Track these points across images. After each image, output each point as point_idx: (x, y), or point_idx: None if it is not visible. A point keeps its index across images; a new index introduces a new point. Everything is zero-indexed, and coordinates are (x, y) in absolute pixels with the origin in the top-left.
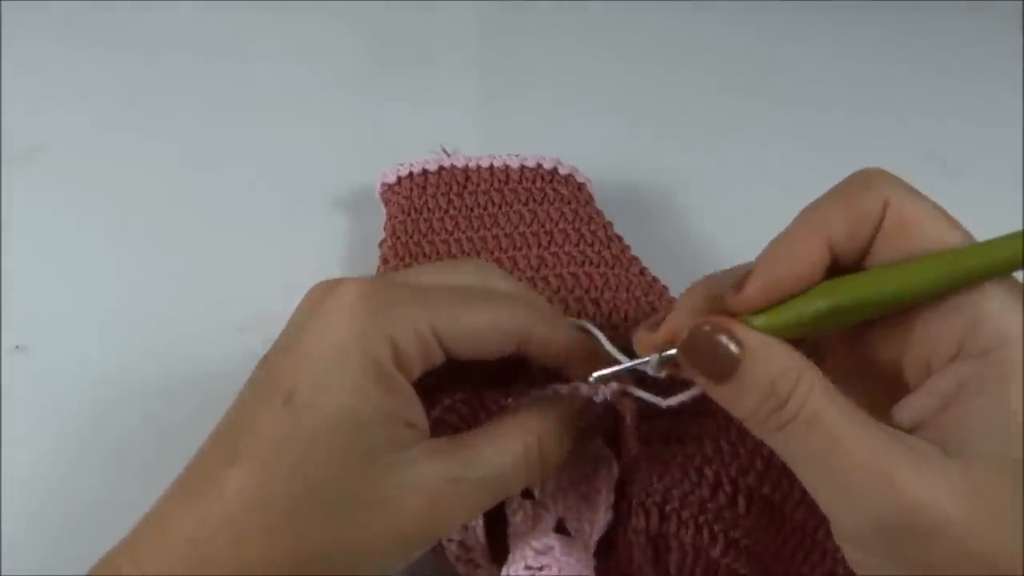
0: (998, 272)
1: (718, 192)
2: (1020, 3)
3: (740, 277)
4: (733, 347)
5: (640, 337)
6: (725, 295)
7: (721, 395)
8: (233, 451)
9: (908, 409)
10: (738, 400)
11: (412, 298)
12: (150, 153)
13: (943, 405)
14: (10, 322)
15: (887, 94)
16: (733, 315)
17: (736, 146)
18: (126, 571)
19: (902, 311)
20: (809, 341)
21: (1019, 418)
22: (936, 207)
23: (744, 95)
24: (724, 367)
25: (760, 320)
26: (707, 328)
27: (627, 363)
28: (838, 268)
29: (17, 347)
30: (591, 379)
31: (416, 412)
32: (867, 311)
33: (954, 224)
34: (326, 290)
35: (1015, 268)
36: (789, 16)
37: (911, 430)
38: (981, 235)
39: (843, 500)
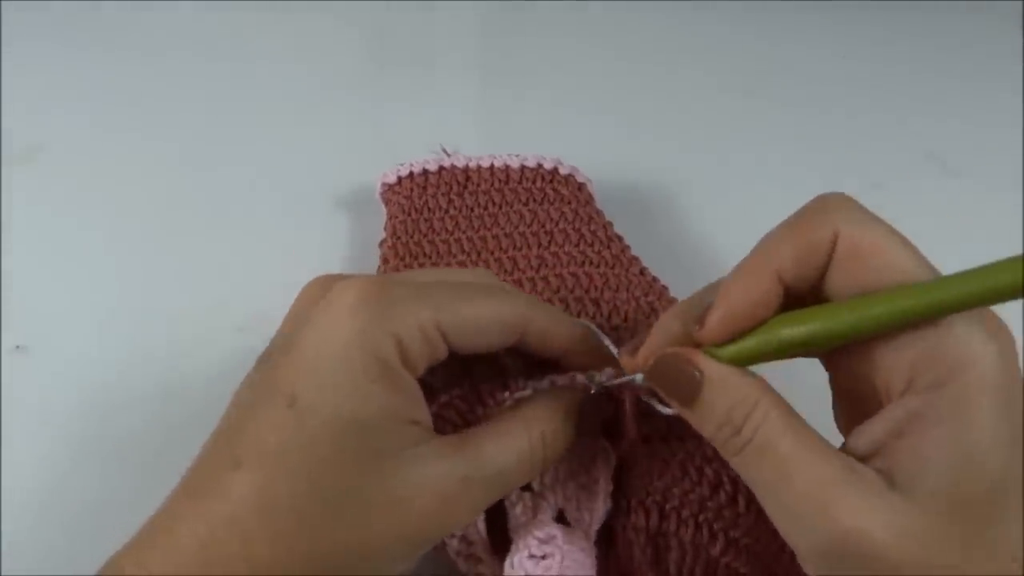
0: (951, 310)
1: (718, 192)
2: (1020, 3)
3: (703, 310)
4: (696, 375)
5: (622, 360)
6: (691, 328)
7: (688, 417)
8: (238, 454)
9: (866, 434)
10: (702, 423)
11: (414, 294)
12: (150, 153)
13: (896, 433)
14: (10, 322)
15: (887, 94)
16: (700, 345)
17: (736, 146)
18: (130, 571)
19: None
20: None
21: (961, 458)
22: (893, 233)
23: (744, 95)
24: (687, 393)
25: (727, 350)
26: (672, 357)
27: (621, 379)
28: (800, 295)
29: (17, 347)
30: (592, 389)
31: (421, 409)
32: (828, 342)
33: (911, 250)
34: (323, 288)
35: (969, 307)
36: (789, 16)
37: (867, 455)
38: (981, 235)
39: (790, 525)
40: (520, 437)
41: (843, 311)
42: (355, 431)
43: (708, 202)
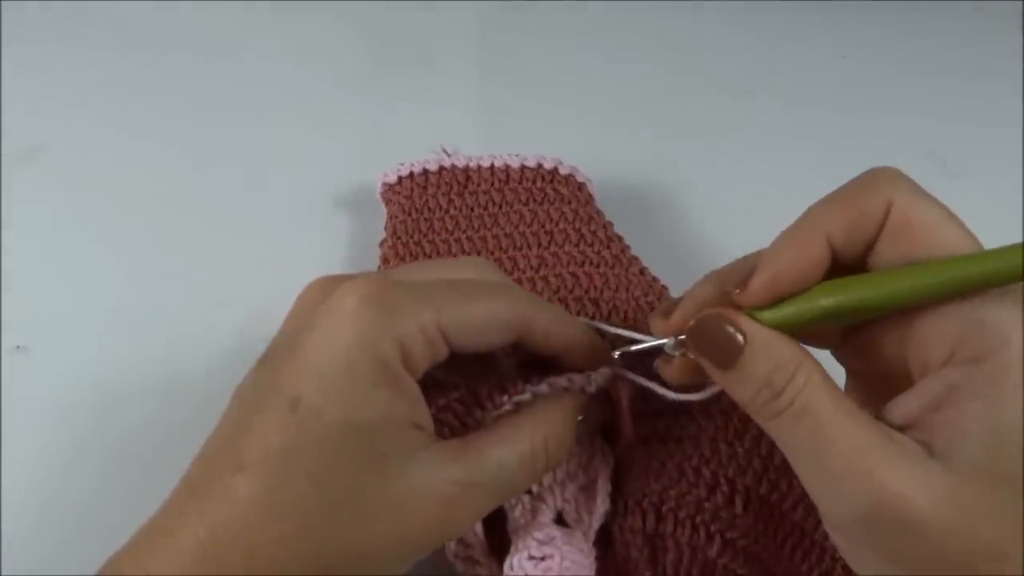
0: (999, 282)
1: (718, 192)
2: (1020, 3)
3: (746, 273)
4: (738, 337)
5: (654, 323)
6: (731, 291)
7: (724, 381)
8: (241, 456)
9: (901, 407)
10: (739, 387)
11: (415, 296)
12: (150, 153)
13: (934, 407)
14: (10, 322)
15: (887, 94)
16: (740, 308)
17: (736, 146)
18: (129, 572)
19: (903, 312)
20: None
21: (1003, 428)
22: (943, 209)
23: (744, 95)
24: (728, 355)
25: (766, 314)
26: (715, 318)
27: (649, 342)
28: (843, 266)
29: (17, 347)
30: (615, 355)
31: (423, 413)
32: (868, 312)
33: (960, 227)
34: (324, 290)
35: (1017, 279)
36: (789, 16)
37: (902, 428)
38: (981, 235)
39: (828, 489)
40: (522, 442)
41: (886, 280)
42: (358, 435)
43: (708, 202)
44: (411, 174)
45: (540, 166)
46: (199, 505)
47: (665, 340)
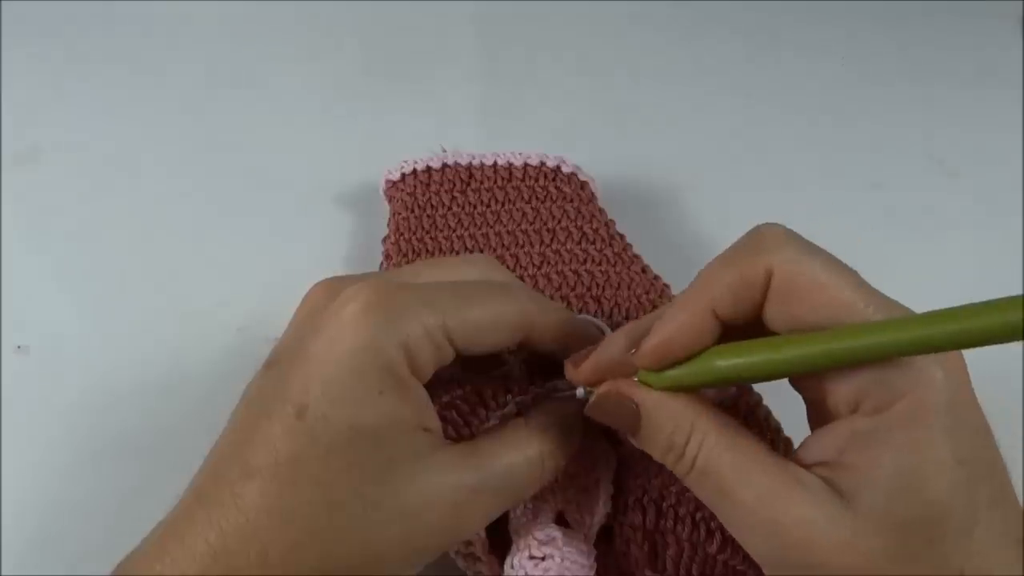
0: (885, 356)
1: (719, 191)
2: (1020, 3)
3: (639, 336)
4: (633, 406)
5: (567, 370)
6: (629, 353)
7: (639, 445)
8: (249, 464)
9: (815, 445)
10: (650, 451)
11: (420, 300)
12: (150, 153)
13: (841, 449)
14: (10, 322)
15: (887, 94)
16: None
17: (737, 146)
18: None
19: None
20: None
21: (904, 476)
22: (830, 265)
23: (745, 95)
24: (629, 424)
25: (663, 376)
26: (608, 395)
27: (565, 392)
28: (738, 327)
29: (17, 347)
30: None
31: (430, 416)
32: (758, 378)
33: (850, 283)
34: (329, 294)
35: (902, 355)
36: (789, 16)
37: (815, 465)
38: (980, 235)
39: (745, 539)
40: (531, 446)
41: (779, 349)
42: (366, 441)
43: (709, 201)
44: (414, 171)
45: (543, 164)
46: (208, 511)
47: (578, 389)
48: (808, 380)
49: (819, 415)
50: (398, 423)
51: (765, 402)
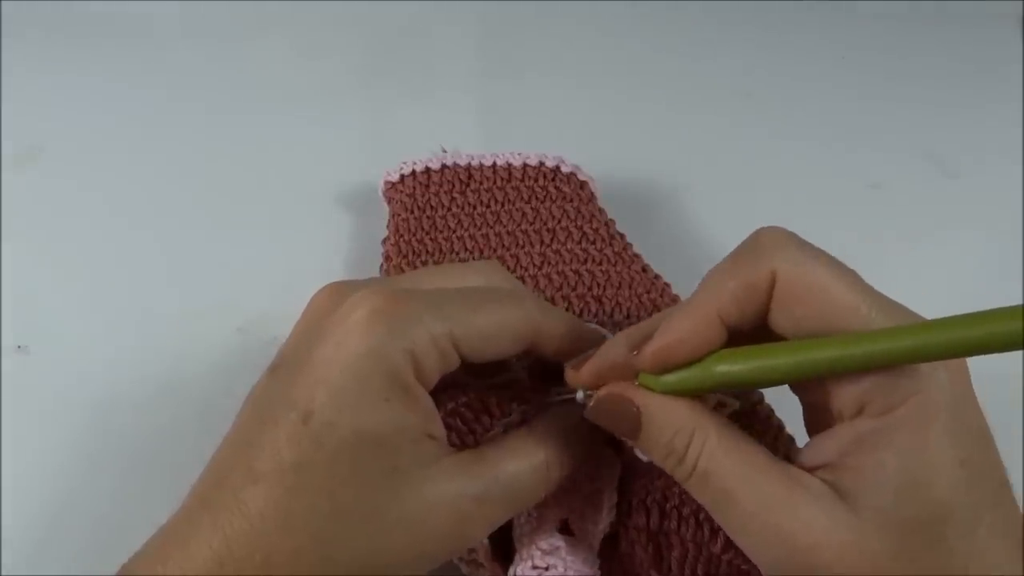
0: (886, 363)
1: (719, 190)
2: (1020, 3)
3: (640, 339)
4: (634, 410)
5: (567, 373)
6: (631, 355)
7: (639, 448)
8: (253, 469)
9: (817, 448)
10: (651, 455)
11: (427, 307)
12: (150, 153)
13: (844, 452)
14: (10, 322)
15: (887, 94)
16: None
17: (737, 145)
18: None
19: None
20: None
21: (909, 478)
22: (832, 267)
23: (744, 95)
24: (630, 428)
25: (669, 378)
26: (608, 397)
27: (565, 395)
28: (743, 331)
29: (18, 347)
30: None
31: (435, 423)
32: (760, 384)
33: (852, 285)
34: (334, 300)
35: (903, 362)
36: (789, 16)
37: (817, 468)
38: (980, 236)
39: (745, 544)
40: (535, 454)
41: (782, 354)
42: (371, 448)
43: (709, 200)
44: (413, 172)
45: (542, 164)
46: (212, 517)
47: (577, 393)
48: (810, 385)
49: (819, 419)
50: (403, 430)
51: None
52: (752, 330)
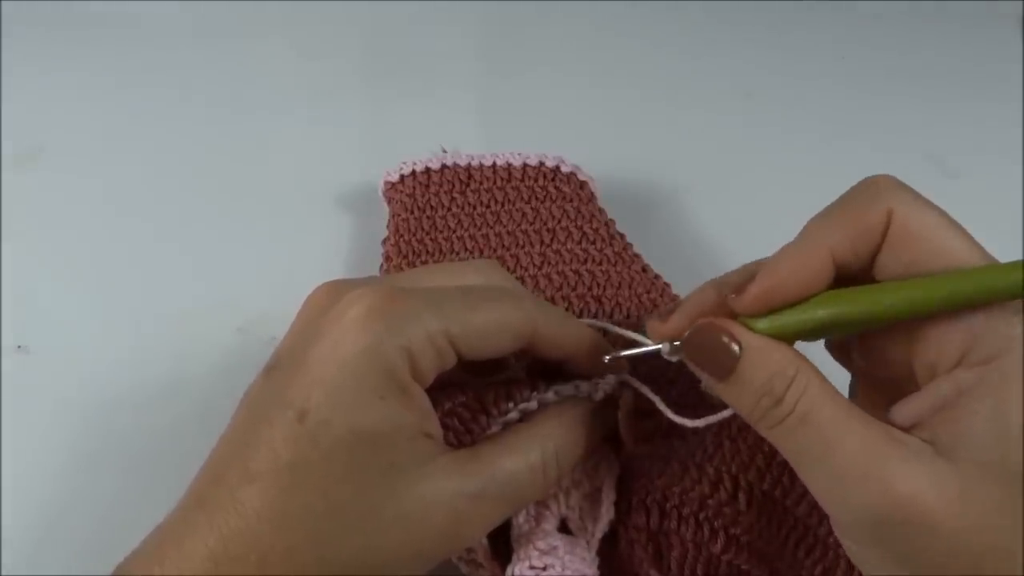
0: (1000, 298)
1: (719, 191)
2: (1020, 3)
3: (745, 280)
4: (733, 347)
5: (651, 326)
6: (728, 297)
7: (723, 392)
8: (249, 468)
9: (907, 408)
10: (738, 397)
11: (423, 305)
12: (150, 153)
13: (940, 407)
14: (10, 322)
15: (887, 95)
16: (738, 316)
17: (737, 145)
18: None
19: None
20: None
21: (1012, 427)
22: (943, 216)
23: (745, 95)
24: (724, 365)
25: (763, 323)
26: (709, 328)
27: (643, 348)
28: (846, 276)
29: (18, 347)
30: (606, 359)
31: (432, 421)
32: (867, 325)
33: (961, 233)
34: (331, 298)
35: (1018, 296)
36: (789, 16)
37: (907, 428)
38: (980, 236)
39: (836, 494)
40: (532, 453)
41: (886, 294)
42: (368, 447)
43: (709, 201)
44: (413, 172)
45: (542, 164)
46: (208, 515)
47: (660, 345)
48: (899, 342)
49: (887, 395)
50: (399, 428)
51: None
52: (853, 276)
